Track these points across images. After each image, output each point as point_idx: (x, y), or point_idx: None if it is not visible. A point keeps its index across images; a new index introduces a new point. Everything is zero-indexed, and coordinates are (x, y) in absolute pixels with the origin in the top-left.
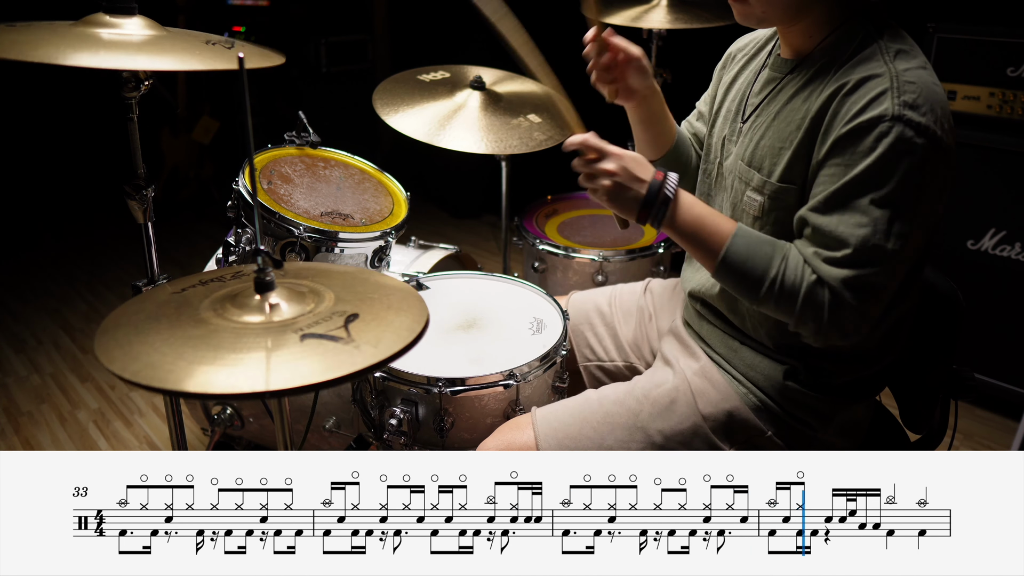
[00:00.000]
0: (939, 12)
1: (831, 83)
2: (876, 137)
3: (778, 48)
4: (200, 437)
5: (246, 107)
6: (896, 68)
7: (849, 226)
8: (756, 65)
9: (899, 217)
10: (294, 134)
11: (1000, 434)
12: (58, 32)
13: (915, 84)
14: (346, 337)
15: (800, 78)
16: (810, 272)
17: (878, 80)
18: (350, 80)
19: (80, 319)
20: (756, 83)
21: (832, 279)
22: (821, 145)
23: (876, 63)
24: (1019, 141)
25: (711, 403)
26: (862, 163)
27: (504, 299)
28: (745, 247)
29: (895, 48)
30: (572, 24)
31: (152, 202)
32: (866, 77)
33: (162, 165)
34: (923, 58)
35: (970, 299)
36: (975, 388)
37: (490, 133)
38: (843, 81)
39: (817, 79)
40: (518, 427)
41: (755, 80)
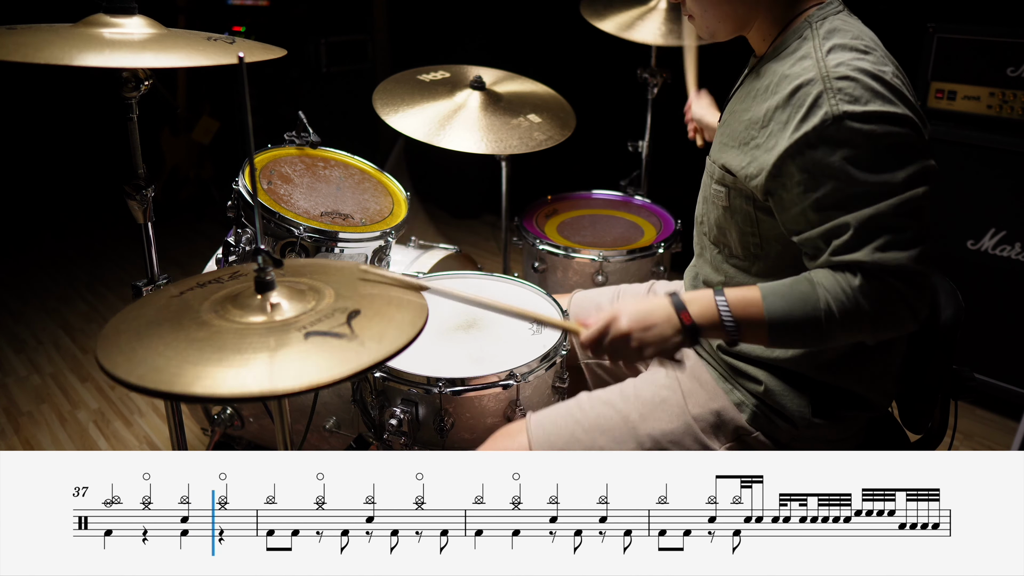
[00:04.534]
0: (939, 12)
1: (772, 86)
2: (831, 145)
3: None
4: (200, 437)
5: (246, 107)
6: (827, 66)
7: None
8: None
9: (893, 192)
10: (294, 134)
11: (1000, 434)
12: (60, 33)
13: (847, 79)
14: (350, 333)
15: (756, 78)
16: (851, 276)
17: (810, 86)
18: (350, 80)
19: (80, 319)
20: (737, 83)
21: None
22: (765, 152)
23: (809, 63)
24: (1019, 141)
25: (699, 403)
26: (827, 171)
27: (504, 299)
28: (781, 298)
29: (828, 43)
30: (572, 25)
31: (152, 202)
32: (799, 85)
33: (162, 165)
34: (862, 44)
35: (970, 299)
36: (975, 388)
37: (490, 133)
38: (780, 89)
39: (767, 78)
40: (510, 435)
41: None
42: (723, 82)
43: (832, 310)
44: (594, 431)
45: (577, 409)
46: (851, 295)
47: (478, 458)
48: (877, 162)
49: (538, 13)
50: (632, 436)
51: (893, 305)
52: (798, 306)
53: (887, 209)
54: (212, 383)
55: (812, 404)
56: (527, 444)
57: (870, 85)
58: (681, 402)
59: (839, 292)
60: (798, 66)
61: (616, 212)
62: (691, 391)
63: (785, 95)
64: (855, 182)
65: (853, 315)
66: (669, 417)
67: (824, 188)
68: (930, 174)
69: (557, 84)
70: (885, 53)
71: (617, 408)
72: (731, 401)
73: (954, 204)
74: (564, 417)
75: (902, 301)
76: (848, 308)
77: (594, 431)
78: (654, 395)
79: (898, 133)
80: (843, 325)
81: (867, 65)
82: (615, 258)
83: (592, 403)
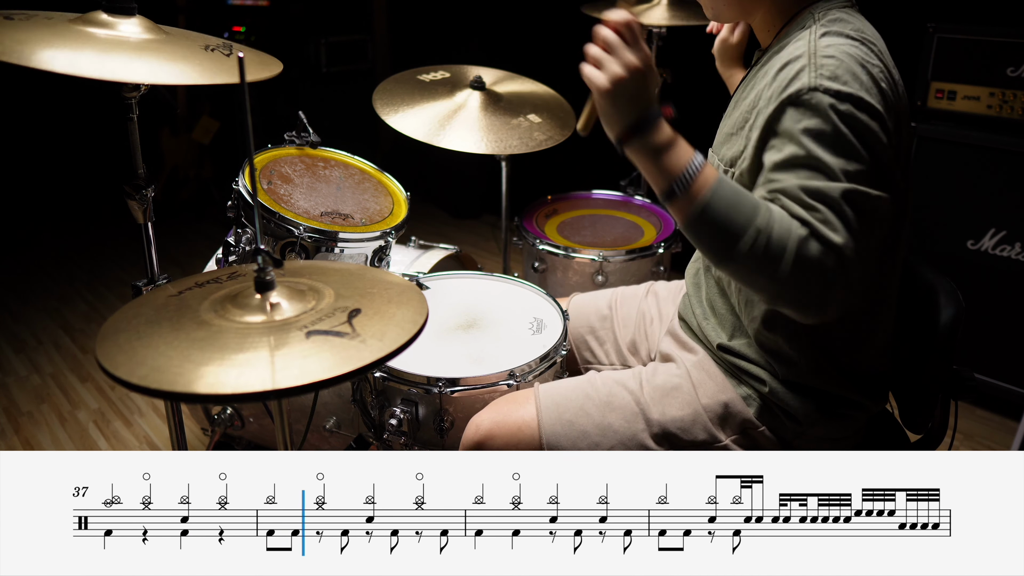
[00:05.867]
0: (939, 12)
1: (770, 71)
2: (800, 112)
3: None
4: (200, 437)
5: (246, 107)
6: (816, 47)
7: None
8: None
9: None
10: (294, 134)
11: (1000, 434)
12: (55, 29)
13: (833, 58)
14: (351, 332)
15: (759, 69)
16: (799, 225)
17: (797, 60)
18: (350, 80)
19: (80, 319)
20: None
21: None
22: (752, 130)
23: (801, 43)
24: (1019, 141)
25: (708, 394)
26: (790, 137)
27: (504, 299)
28: (732, 193)
29: (825, 30)
30: (572, 25)
31: (152, 202)
32: (788, 61)
33: (162, 165)
34: (860, 36)
35: (970, 299)
36: (975, 388)
37: (490, 133)
38: (774, 68)
39: (765, 67)
40: (516, 401)
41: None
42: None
43: (764, 236)
44: (605, 408)
45: (588, 384)
46: (787, 237)
47: (478, 458)
48: (838, 143)
49: (538, 13)
50: (642, 417)
51: (813, 275)
52: (738, 210)
53: (833, 191)
54: (214, 382)
55: (815, 402)
56: (534, 413)
57: (852, 69)
58: (692, 391)
59: (782, 228)
60: (791, 47)
61: (616, 212)
62: (701, 381)
63: (774, 72)
64: (812, 155)
65: (775, 255)
66: (680, 404)
67: (784, 152)
68: (884, 194)
69: (557, 84)
70: (882, 52)
71: (630, 388)
72: (739, 395)
73: (954, 204)
74: (575, 391)
75: (824, 277)
76: (778, 246)
77: (605, 408)
78: (666, 382)
79: (865, 123)
80: (761, 256)
81: (856, 52)
82: (615, 258)
83: (604, 381)
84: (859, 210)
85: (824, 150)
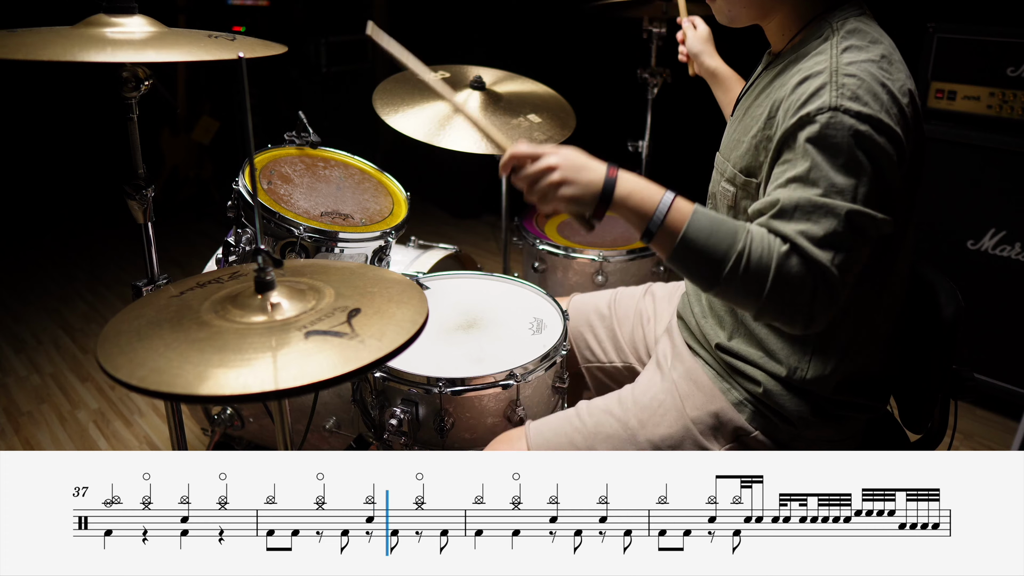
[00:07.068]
0: (939, 12)
1: (788, 81)
2: (817, 131)
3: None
4: (200, 437)
5: (246, 107)
6: (839, 63)
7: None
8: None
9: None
10: (294, 134)
11: (1000, 434)
12: (62, 34)
13: (855, 77)
14: (350, 332)
15: (772, 74)
16: (780, 243)
17: (818, 76)
18: (350, 80)
19: (80, 319)
20: (751, 78)
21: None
22: (770, 142)
23: (822, 58)
24: (1019, 141)
25: (696, 406)
26: (804, 153)
27: (504, 299)
28: (709, 222)
29: (846, 43)
30: (571, 25)
31: (152, 202)
32: (808, 75)
33: (162, 165)
34: (880, 50)
35: (970, 299)
36: (975, 388)
37: None
38: (790, 82)
39: (783, 76)
40: (510, 440)
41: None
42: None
43: (744, 259)
44: (593, 438)
45: (576, 417)
46: (768, 257)
47: (478, 458)
48: (851, 164)
49: (538, 13)
50: (631, 442)
51: (797, 291)
52: (717, 238)
53: (837, 209)
54: (214, 383)
55: (811, 404)
56: (526, 449)
57: (873, 90)
58: (679, 405)
59: (761, 249)
60: (811, 60)
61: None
62: (688, 394)
63: (793, 85)
64: (823, 174)
65: (758, 276)
66: (667, 422)
67: (797, 167)
68: (888, 218)
69: (557, 84)
70: (900, 63)
71: (616, 415)
72: (729, 401)
73: (954, 204)
74: (563, 424)
75: (808, 293)
76: (759, 267)
77: (593, 438)
78: (651, 400)
79: (882, 147)
80: (744, 279)
81: (878, 72)
82: (615, 258)
83: (591, 411)
84: (860, 231)
85: (836, 170)
